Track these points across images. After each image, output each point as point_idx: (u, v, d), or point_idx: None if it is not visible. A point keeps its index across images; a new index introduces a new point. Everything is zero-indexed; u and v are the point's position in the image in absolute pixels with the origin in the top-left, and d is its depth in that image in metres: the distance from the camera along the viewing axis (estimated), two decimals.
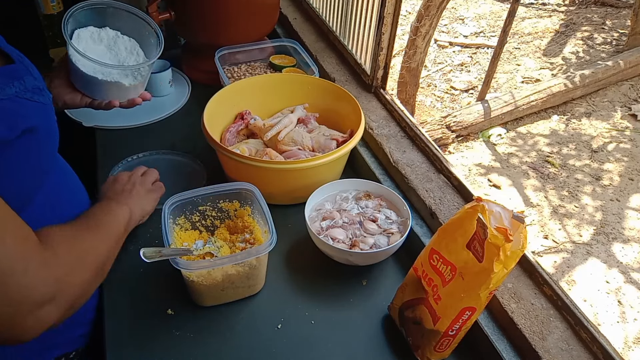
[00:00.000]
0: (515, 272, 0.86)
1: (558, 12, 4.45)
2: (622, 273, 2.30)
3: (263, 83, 1.21)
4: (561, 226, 2.54)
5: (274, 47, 1.44)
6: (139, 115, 1.31)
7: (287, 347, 0.82)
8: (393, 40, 1.20)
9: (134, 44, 0.99)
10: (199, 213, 0.92)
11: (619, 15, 4.30)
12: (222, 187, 0.91)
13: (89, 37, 0.94)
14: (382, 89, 1.27)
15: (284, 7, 1.67)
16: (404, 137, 1.16)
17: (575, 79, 3.27)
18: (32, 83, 0.63)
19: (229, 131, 1.15)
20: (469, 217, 0.70)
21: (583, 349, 0.75)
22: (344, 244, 0.93)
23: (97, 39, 0.95)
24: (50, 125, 0.69)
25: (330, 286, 0.93)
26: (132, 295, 0.89)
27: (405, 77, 3.05)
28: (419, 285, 0.79)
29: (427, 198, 1.00)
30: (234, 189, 0.91)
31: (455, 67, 3.86)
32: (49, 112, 0.68)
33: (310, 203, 0.98)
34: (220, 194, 0.91)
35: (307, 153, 1.08)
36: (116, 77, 0.92)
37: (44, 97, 0.66)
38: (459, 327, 0.74)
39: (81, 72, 0.89)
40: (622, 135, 3.13)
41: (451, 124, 3.05)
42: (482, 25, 4.33)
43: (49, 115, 0.68)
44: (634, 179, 2.81)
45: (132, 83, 0.95)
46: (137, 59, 0.97)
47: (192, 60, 1.46)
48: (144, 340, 0.83)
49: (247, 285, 0.88)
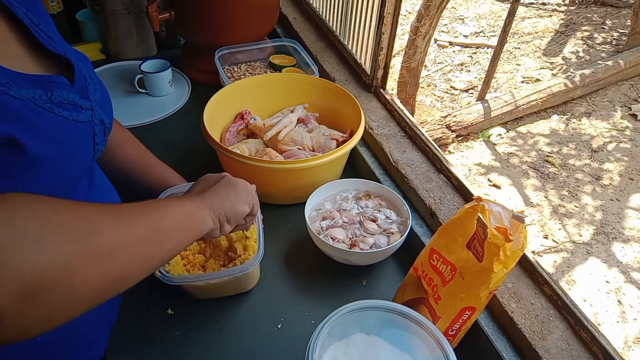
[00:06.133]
0: (515, 272, 0.85)
1: (558, 12, 4.45)
2: (622, 273, 2.30)
3: (263, 83, 1.21)
4: (561, 226, 2.54)
5: (274, 47, 1.44)
6: (139, 115, 1.31)
7: (287, 347, 0.82)
8: (393, 40, 1.20)
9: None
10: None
11: (619, 15, 4.30)
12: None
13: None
14: (382, 89, 1.27)
15: (284, 7, 1.67)
16: (404, 137, 1.16)
17: (575, 79, 3.27)
18: (62, 96, 0.58)
19: (229, 131, 1.15)
20: (469, 216, 0.70)
21: (583, 349, 0.75)
22: (344, 244, 0.93)
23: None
24: (69, 142, 0.59)
25: (330, 286, 0.93)
26: (132, 295, 0.89)
27: (405, 77, 3.05)
28: (419, 285, 0.79)
29: (427, 198, 1.00)
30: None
31: (455, 67, 3.86)
32: (70, 127, 0.59)
33: (310, 203, 0.98)
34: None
35: (307, 153, 1.08)
36: None
37: (74, 114, 0.60)
38: (459, 327, 0.74)
39: None
40: (622, 135, 3.13)
41: (451, 124, 3.05)
42: (482, 25, 4.33)
43: (71, 131, 0.60)
44: (634, 179, 2.81)
45: None
46: None
47: (192, 60, 1.46)
48: (144, 340, 0.83)
49: (238, 288, 0.89)
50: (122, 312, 0.84)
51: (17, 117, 0.52)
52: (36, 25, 0.61)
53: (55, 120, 0.57)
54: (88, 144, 0.64)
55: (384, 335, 0.70)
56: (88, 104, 0.63)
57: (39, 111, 0.55)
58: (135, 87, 1.38)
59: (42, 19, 0.63)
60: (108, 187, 0.79)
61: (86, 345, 0.75)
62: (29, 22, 0.60)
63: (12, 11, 0.58)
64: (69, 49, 0.67)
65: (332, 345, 0.68)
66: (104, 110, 0.68)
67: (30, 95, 0.54)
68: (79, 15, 1.53)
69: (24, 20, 0.59)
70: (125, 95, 1.39)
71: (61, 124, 0.58)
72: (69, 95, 0.60)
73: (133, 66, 1.44)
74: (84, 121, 0.62)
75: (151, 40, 1.51)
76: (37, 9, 0.63)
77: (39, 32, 0.61)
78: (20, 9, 0.59)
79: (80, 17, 1.52)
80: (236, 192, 0.71)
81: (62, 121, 0.58)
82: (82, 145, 0.63)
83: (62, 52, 0.63)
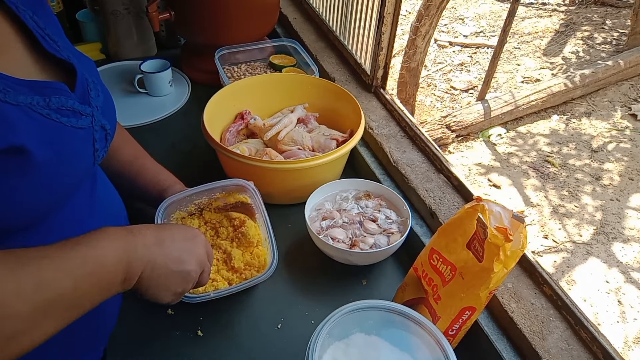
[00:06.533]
0: (515, 271, 0.85)
1: (558, 11, 4.45)
2: (622, 273, 2.30)
3: (263, 83, 1.21)
4: (561, 226, 2.54)
5: (274, 47, 1.44)
6: (139, 115, 1.31)
7: (287, 347, 0.82)
8: (393, 40, 1.20)
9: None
10: (194, 205, 0.92)
11: (619, 15, 4.30)
12: (217, 183, 0.90)
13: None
14: (382, 89, 1.27)
15: (284, 7, 1.67)
16: (404, 137, 1.16)
17: (575, 79, 3.27)
18: (61, 102, 0.58)
19: (229, 131, 1.15)
20: (469, 216, 0.70)
21: (583, 349, 0.75)
22: (344, 244, 0.93)
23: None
24: (67, 149, 0.58)
25: (330, 286, 0.93)
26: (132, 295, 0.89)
27: (405, 76, 3.05)
28: (419, 285, 0.79)
29: (427, 198, 1.00)
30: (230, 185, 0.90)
31: (455, 67, 3.86)
32: (69, 134, 0.59)
33: (310, 203, 0.98)
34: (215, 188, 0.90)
35: (307, 153, 1.08)
36: None
37: (72, 120, 0.59)
38: (459, 327, 0.74)
39: None
40: (622, 135, 3.13)
41: (451, 124, 3.05)
42: (482, 25, 4.33)
43: (70, 137, 0.59)
44: (634, 179, 2.81)
45: None
46: None
47: (192, 60, 1.46)
48: (144, 340, 0.83)
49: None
50: (122, 311, 0.84)
51: (14, 124, 0.51)
52: (42, 29, 0.61)
53: (52, 126, 0.56)
54: (87, 150, 0.64)
55: (384, 335, 0.70)
56: (88, 110, 0.63)
57: (35, 117, 0.54)
58: (135, 87, 1.38)
59: (48, 22, 0.63)
60: (110, 189, 0.79)
61: (84, 353, 0.74)
62: (34, 25, 0.59)
63: (18, 15, 0.58)
64: (74, 53, 0.66)
65: (332, 345, 0.68)
66: (106, 115, 0.68)
67: (28, 102, 0.54)
68: (79, 15, 1.53)
69: (29, 25, 0.59)
70: (125, 95, 1.39)
71: (59, 130, 0.57)
72: (68, 101, 0.59)
73: (133, 66, 1.44)
74: (83, 127, 0.61)
75: (151, 40, 1.51)
76: (43, 12, 0.63)
77: (44, 36, 0.61)
78: (27, 13, 0.59)
79: (80, 17, 1.52)
80: (179, 286, 0.64)
81: (60, 127, 0.58)
82: (81, 152, 0.62)
83: (66, 57, 0.63)
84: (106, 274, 0.54)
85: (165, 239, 0.62)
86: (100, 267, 0.53)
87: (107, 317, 0.78)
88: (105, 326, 0.78)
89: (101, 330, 0.77)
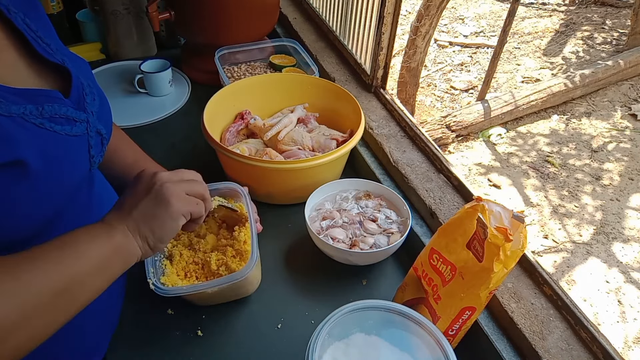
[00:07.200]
0: (515, 271, 0.85)
1: (558, 11, 4.45)
2: (622, 273, 2.30)
3: (263, 83, 1.21)
4: (561, 226, 2.54)
5: (274, 47, 1.44)
6: (139, 115, 1.31)
7: (287, 347, 0.82)
8: (393, 40, 1.20)
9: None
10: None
11: (619, 15, 4.30)
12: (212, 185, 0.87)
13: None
14: (382, 89, 1.27)
15: (284, 7, 1.67)
16: (404, 137, 1.16)
17: (575, 79, 3.27)
18: (54, 110, 0.57)
19: (229, 131, 1.15)
20: (469, 216, 0.70)
21: (583, 349, 0.75)
22: (344, 244, 0.93)
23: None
24: (61, 157, 0.58)
25: (330, 286, 0.93)
26: (132, 295, 0.89)
27: (405, 76, 3.05)
28: (419, 285, 0.79)
29: (427, 198, 1.00)
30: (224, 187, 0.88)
31: (455, 67, 3.86)
32: (63, 142, 0.58)
33: (310, 203, 0.98)
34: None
35: (307, 153, 1.08)
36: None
37: (66, 127, 0.58)
38: (459, 327, 0.74)
39: None
40: (622, 135, 3.13)
41: (451, 124, 3.05)
42: (482, 25, 4.33)
43: (64, 146, 0.58)
44: (634, 179, 2.81)
45: None
46: None
47: (192, 60, 1.46)
48: (144, 340, 0.83)
49: (237, 294, 0.88)
50: (123, 311, 0.84)
51: (9, 137, 0.50)
52: (34, 32, 0.59)
53: (46, 135, 0.55)
54: (83, 157, 0.63)
55: (384, 335, 0.70)
56: (83, 116, 0.61)
57: (29, 127, 0.53)
58: (135, 87, 1.38)
59: (41, 25, 0.62)
60: (110, 193, 0.78)
61: (86, 353, 0.74)
62: (25, 28, 0.58)
63: (9, 18, 0.56)
64: (69, 55, 0.65)
65: (332, 345, 0.68)
66: (101, 120, 0.66)
67: (20, 112, 0.52)
68: (79, 15, 1.53)
69: (20, 28, 0.57)
70: (125, 95, 1.39)
71: (53, 139, 0.56)
72: (61, 109, 0.58)
73: (133, 66, 1.44)
74: (77, 135, 0.60)
75: (151, 40, 1.51)
76: (36, 14, 0.62)
77: (37, 39, 0.59)
78: (18, 15, 0.58)
79: (80, 17, 1.52)
80: (167, 207, 0.61)
81: (54, 136, 0.56)
82: (76, 159, 0.61)
83: (60, 61, 0.61)
84: (109, 267, 0.58)
85: (131, 202, 0.62)
86: (100, 264, 0.56)
87: (111, 316, 0.78)
88: (110, 326, 0.79)
89: (104, 331, 0.78)
